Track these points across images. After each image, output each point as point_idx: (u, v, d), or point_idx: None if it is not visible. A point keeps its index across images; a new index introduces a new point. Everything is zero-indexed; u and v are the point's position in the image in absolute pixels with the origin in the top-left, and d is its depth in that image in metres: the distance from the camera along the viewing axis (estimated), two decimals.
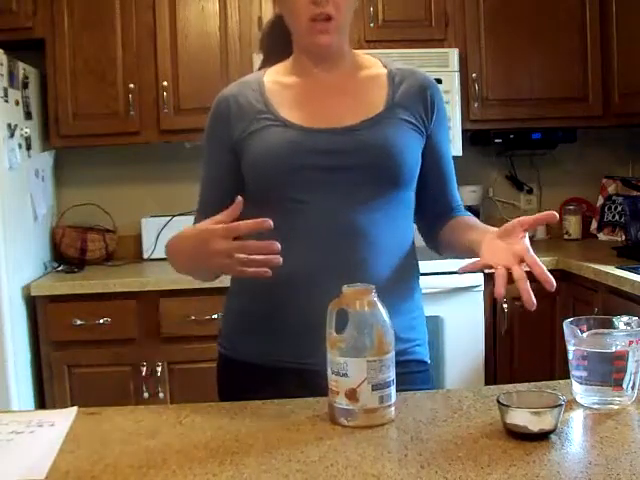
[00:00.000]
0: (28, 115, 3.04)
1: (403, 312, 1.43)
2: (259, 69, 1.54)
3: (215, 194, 1.47)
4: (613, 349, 1.13)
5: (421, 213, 1.51)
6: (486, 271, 2.51)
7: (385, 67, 1.48)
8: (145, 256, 3.37)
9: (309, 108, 1.42)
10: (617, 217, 3.48)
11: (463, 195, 1.64)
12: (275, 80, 1.47)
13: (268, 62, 1.53)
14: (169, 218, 3.35)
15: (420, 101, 1.44)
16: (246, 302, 1.46)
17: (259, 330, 1.43)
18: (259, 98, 1.43)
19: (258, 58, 1.57)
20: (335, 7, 1.35)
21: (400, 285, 1.43)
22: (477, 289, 2.95)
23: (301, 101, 1.43)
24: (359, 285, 1.14)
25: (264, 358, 1.41)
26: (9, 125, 2.80)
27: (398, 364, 1.20)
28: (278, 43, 1.50)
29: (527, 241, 1.19)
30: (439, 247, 1.54)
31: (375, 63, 1.49)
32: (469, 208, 1.60)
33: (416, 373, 1.44)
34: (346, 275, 1.24)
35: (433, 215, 1.51)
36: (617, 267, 2.66)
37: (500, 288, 1.11)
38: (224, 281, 1.51)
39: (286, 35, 1.47)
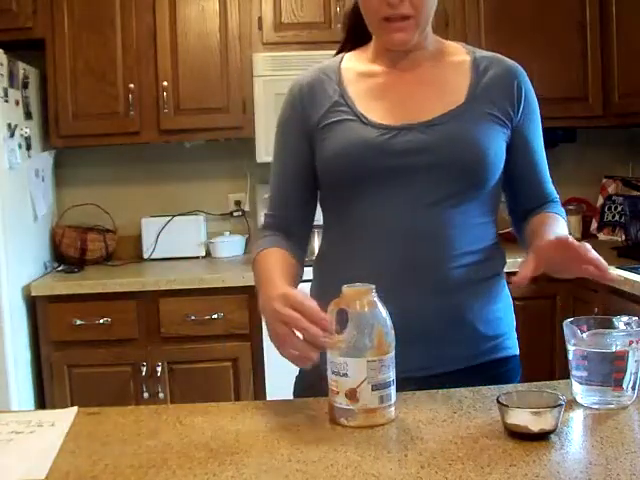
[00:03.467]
0: (28, 115, 3.04)
1: (486, 311, 1.36)
2: (339, 51, 1.48)
3: (291, 184, 1.43)
4: (613, 349, 1.12)
5: (514, 208, 1.45)
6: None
7: (468, 54, 1.41)
8: (145, 256, 3.37)
9: (387, 100, 1.36)
10: (617, 217, 3.48)
11: None
12: (352, 68, 1.41)
13: (348, 43, 1.46)
14: (169, 218, 3.35)
15: (506, 91, 1.37)
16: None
17: None
18: (335, 87, 1.38)
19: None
20: (413, 6, 1.29)
21: (480, 284, 1.36)
22: None
23: (378, 92, 1.37)
24: (359, 285, 1.14)
25: None
26: (9, 125, 2.80)
27: (486, 364, 1.15)
28: (361, 25, 1.40)
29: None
30: (525, 243, 1.46)
31: (459, 50, 1.43)
32: None
33: (509, 370, 1.38)
34: (422, 278, 1.20)
35: (525, 210, 1.44)
36: (617, 267, 2.65)
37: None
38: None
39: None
